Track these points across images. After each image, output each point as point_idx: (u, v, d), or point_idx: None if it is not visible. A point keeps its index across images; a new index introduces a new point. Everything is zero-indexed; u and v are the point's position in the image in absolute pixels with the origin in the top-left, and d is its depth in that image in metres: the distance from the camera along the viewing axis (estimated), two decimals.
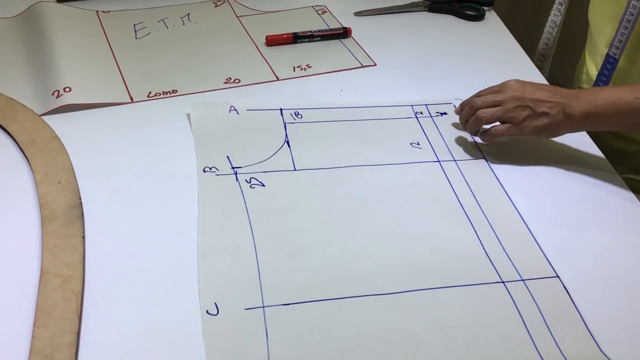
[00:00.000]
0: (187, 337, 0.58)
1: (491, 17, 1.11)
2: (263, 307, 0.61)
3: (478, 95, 0.80)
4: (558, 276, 0.66)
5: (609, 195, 0.77)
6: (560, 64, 1.25)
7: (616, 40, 0.84)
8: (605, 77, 0.89)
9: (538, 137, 0.77)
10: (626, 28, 0.84)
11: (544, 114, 0.74)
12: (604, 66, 0.89)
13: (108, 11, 1.03)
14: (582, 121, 0.73)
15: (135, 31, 1.00)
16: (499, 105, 0.77)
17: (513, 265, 0.67)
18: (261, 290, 0.62)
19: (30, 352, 0.55)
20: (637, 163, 0.92)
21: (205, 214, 0.69)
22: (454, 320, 0.61)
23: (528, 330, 0.61)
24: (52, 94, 0.83)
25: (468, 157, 0.81)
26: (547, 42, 0.93)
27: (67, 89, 0.83)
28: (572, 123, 0.74)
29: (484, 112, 0.77)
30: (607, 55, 0.86)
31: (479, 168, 0.79)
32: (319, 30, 1.02)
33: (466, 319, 0.62)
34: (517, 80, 0.78)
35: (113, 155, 0.76)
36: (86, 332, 0.57)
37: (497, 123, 0.78)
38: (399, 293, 0.63)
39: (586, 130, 0.77)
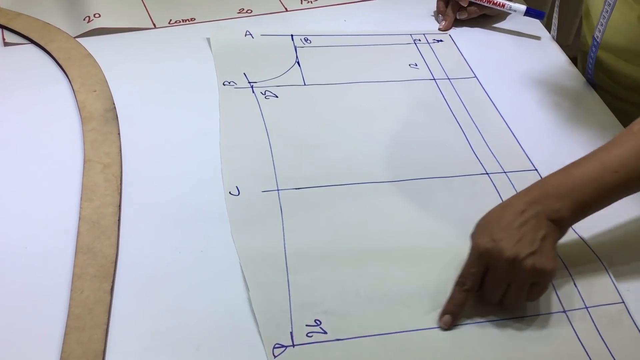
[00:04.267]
0: (213, 212, 0.67)
1: None
2: (277, 190, 0.70)
3: (463, 282, 0.58)
4: (536, 169, 0.75)
5: (584, 109, 0.85)
6: (562, 28, 1.26)
7: (599, 24, 0.86)
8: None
9: (556, 265, 0.57)
10: (607, 11, 0.83)
11: (542, 243, 0.55)
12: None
13: None
14: (575, 218, 0.58)
15: None
16: (497, 281, 0.58)
17: (497, 160, 0.76)
18: (276, 178, 0.71)
19: (80, 219, 0.65)
20: None
21: (226, 117, 0.78)
22: (444, 202, 0.71)
23: None
24: (84, 19, 0.91)
25: (461, 76, 0.89)
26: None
27: (97, 15, 0.91)
28: (566, 227, 0.59)
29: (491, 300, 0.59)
30: (593, 37, 0.88)
31: (470, 84, 0.88)
32: None
33: (455, 201, 0.71)
34: (477, 234, 0.58)
35: (141, 70, 0.85)
36: (126, 206, 0.67)
37: None
38: (397, 181, 0.72)
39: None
